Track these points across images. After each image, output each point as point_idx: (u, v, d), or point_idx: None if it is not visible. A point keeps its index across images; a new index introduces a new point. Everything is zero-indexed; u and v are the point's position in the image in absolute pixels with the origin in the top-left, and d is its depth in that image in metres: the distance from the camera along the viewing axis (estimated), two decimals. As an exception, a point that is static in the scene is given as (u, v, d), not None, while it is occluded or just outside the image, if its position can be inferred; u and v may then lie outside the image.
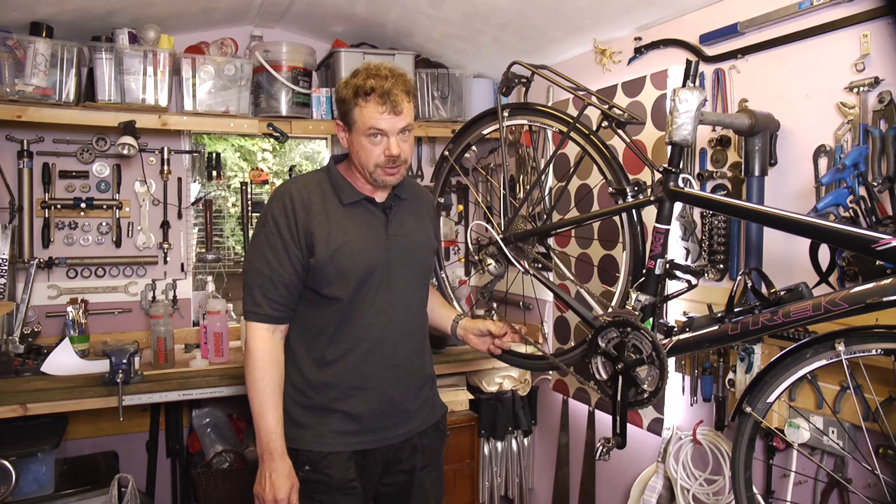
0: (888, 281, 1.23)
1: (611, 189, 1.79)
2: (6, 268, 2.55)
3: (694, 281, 1.62)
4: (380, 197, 1.74)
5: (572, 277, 1.96)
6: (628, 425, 1.68)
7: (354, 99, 1.60)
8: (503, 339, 1.91)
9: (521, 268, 1.97)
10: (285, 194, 1.68)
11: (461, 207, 3.34)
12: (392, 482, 1.79)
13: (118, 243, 2.86)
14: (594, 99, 1.79)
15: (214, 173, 3.00)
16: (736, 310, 1.52)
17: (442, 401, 1.94)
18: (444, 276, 2.37)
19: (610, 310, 1.77)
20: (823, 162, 1.71)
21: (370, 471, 1.73)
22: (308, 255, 1.65)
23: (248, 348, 1.67)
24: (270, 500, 1.59)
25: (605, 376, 1.70)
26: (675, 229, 2.10)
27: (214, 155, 3.00)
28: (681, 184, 1.59)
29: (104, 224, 2.86)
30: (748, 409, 1.52)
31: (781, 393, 1.49)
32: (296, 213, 1.64)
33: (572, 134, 1.86)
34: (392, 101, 1.58)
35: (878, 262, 1.31)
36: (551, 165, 2.69)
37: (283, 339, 1.71)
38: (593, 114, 1.94)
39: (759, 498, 1.63)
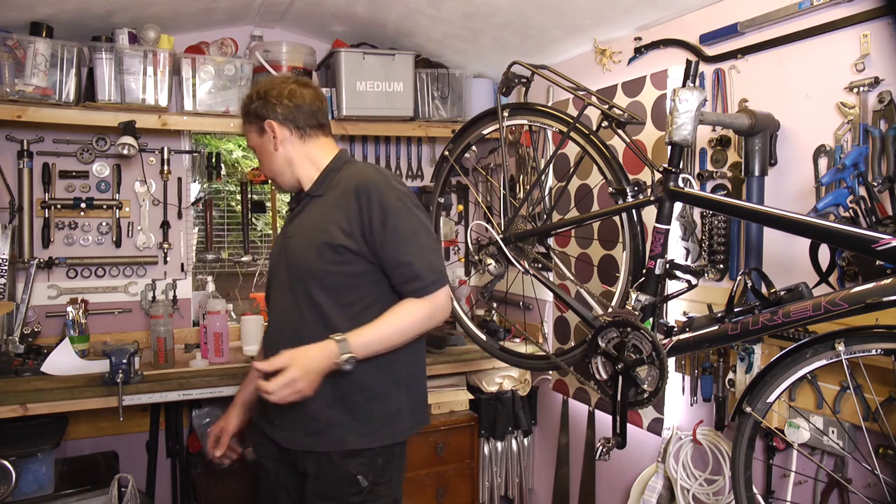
0: (888, 281, 1.23)
1: (611, 189, 1.79)
2: (6, 268, 2.55)
3: (694, 281, 1.62)
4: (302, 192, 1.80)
5: (572, 277, 1.96)
6: (628, 425, 1.68)
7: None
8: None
9: (521, 268, 1.97)
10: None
11: (461, 207, 3.34)
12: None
13: (118, 243, 2.86)
14: (594, 99, 1.79)
15: (214, 173, 3.00)
16: (736, 310, 1.52)
17: (344, 436, 1.65)
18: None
19: (610, 310, 1.77)
20: (823, 162, 1.71)
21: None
22: None
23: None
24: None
25: (605, 376, 1.70)
26: (675, 229, 2.10)
27: (214, 155, 3.00)
28: (681, 184, 1.59)
29: (104, 224, 2.86)
30: (748, 409, 1.52)
31: (781, 393, 1.49)
32: None
33: (572, 134, 1.86)
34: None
35: (878, 262, 1.31)
36: (551, 165, 2.69)
37: None
38: (593, 114, 1.94)
39: (759, 498, 1.63)
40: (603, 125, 1.78)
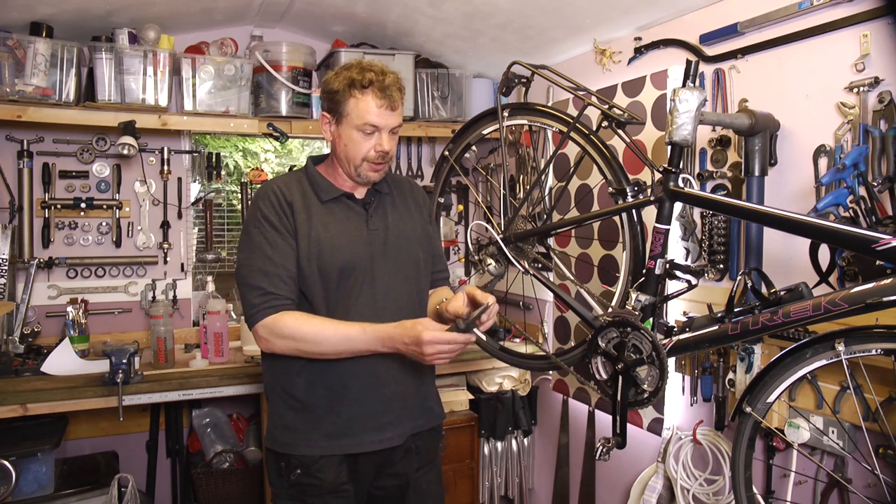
0: (888, 281, 1.23)
1: (611, 189, 1.79)
2: (6, 268, 2.55)
3: (694, 281, 1.62)
4: (359, 193, 1.74)
5: (572, 277, 1.96)
6: (628, 425, 1.68)
7: (349, 90, 1.61)
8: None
9: (521, 268, 1.97)
10: (269, 192, 1.68)
11: (461, 207, 3.34)
12: (386, 485, 1.75)
13: (118, 243, 2.86)
14: (594, 99, 1.79)
15: (214, 173, 3.00)
16: (736, 310, 1.52)
17: (442, 407, 1.87)
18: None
19: (610, 310, 1.77)
20: (823, 162, 1.71)
21: (362, 474, 1.70)
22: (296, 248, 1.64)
23: (287, 337, 1.57)
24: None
25: (605, 376, 1.70)
26: (675, 229, 2.10)
27: (214, 155, 3.00)
28: (681, 184, 1.59)
29: (104, 224, 2.86)
30: (748, 409, 1.52)
31: (781, 393, 1.49)
32: (282, 207, 1.65)
33: (572, 134, 1.86)
34: (390, 97, 1.62)
35: (878, 262, 1.31)
36: (551, 165, 2.69)
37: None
38: (593, 114, 1.94)
39: (759, 498, 1.63)
40: (603, 125, 1.78)
